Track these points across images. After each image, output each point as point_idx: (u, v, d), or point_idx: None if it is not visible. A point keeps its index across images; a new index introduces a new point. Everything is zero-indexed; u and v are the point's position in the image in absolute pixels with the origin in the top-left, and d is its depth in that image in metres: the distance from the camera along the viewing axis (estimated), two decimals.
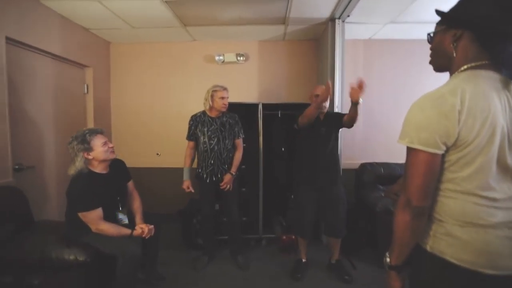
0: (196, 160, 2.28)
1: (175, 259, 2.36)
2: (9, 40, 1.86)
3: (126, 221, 1.73)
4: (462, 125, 0.66)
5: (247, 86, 3.06)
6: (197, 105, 2.95)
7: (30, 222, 1.73)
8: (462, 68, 0.72)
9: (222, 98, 2.08)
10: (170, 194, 3.06)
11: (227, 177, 2.13)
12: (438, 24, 0.79)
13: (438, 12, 0.77)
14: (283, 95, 3.07)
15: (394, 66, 2.99)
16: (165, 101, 3.10)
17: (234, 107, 2.29)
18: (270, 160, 2.71)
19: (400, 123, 0.75)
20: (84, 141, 1.55)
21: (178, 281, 2.04)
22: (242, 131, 2.22)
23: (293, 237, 2.49)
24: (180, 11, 2.31)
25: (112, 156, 1.67)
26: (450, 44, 0.74)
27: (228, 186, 2.13)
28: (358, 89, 1.65)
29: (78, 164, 1.55)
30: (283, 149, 2.72)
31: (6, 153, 1.83)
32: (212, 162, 2.12)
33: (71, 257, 1.50)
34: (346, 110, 2.59)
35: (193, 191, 2.20)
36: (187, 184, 2.18)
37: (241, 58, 2.95)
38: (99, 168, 1.64)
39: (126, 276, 1.56)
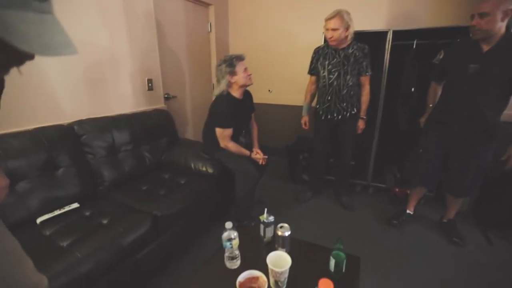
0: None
1: (279, 189, 2.58)
2: None
3: (244, 144, 1.99)
4: None
5: (373, 9, 2.52)
6: (311, 39, 2.78)
7: (176, 139, 2.24)
8: None
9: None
10: (279, 130, 3.24)
11: (361, 124, 2.04)
12: None
13: None
14: (422, 18, 2.37)
15: None
16: (278, 38, 3.03)
17: (358, 36, 1.93)
18: (393, 102, 2.31)
19: None
20: (231, 65, 1.67)
21: (280, 208, 2.23)
22: (370, 67, 1.93)
23: (408, 191, 2.21)
24: None
25: (250, 83, 1.78)
26: None
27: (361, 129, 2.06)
28: None
29: (223, 85, 1.71)
30: (413, 89, 2.23)
31: (159, 84, 2.33)
32: (329, 98, 2.00)
33: (203, 169, 1.89)
34: None
35: (305, 127, 2.22)
36: (304, 120, 2.20)
37: None
38: (237, 93, 1.78)
39: (244, 190, 1.81)
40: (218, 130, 1.77)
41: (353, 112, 2.00)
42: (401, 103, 2.30)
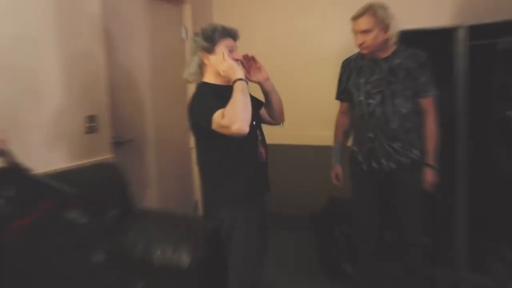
0: None
1: None
2: None
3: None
4: None
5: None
6: (337, 44, 2.88)
7: (130, 210, 2.10)
8: None
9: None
10: (300, 186, 3.21)
11: (428, 175, 1.97)
12: None
13: None
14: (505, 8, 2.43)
15: None
16: (286, 47, 3.23)
17: (409, 39, 1.99)
18: (483, 135, 2.31)
19: None
20: (211, 40, 1.62)
21: None
22: (432, 84, 1.94)
23: None
24: None
25: None
26: None
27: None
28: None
29: (193, 66, 1.69)
30: (507, 113, 2.23)
31: (105, 123, 2.29)
32: (371, 136, 1.99)
33: (175, 258, 1.70)
34: None
35: (338, 183, 2.24)
36: (335, 171, 2.22)
37: None
38: (217, 80, 1.70)
39: None
40: (214, 124, 1.55)
41: (414, 157, 1.97)
42: (496, 133, 2.30)
